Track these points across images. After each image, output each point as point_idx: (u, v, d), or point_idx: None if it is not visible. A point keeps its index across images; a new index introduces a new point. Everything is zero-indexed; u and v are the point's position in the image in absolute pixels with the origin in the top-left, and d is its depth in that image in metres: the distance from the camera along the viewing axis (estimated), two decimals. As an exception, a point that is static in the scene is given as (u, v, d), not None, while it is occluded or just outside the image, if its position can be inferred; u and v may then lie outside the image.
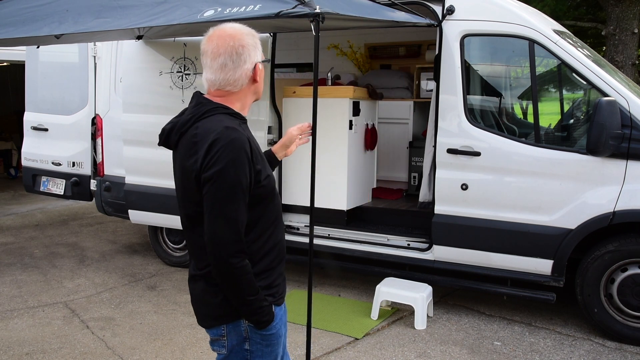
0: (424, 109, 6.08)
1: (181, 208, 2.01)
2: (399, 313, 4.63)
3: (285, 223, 5.19)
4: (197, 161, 1.84)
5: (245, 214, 1.87)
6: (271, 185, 1.99)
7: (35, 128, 6.58)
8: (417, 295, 4.38)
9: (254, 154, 1.90)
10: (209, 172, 1.82)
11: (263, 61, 2.01)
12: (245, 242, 1.88)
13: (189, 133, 1.91)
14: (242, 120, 2.00)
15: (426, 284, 4.56)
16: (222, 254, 1.83)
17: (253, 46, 1.96)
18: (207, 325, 2.05)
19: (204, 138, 1.85)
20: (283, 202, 5.04)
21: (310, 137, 2.66)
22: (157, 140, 2.05)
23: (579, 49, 4.33)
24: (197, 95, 2.02)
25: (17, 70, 8.80)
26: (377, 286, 4.56)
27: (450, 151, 4.41)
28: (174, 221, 5.50)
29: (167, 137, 2.00)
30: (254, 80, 1.99)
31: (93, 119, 6.02)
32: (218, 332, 2.02)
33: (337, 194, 5.10)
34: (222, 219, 1.83)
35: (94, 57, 6.00)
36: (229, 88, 1.96)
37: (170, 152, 2.05)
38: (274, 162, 2.48)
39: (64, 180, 6.37)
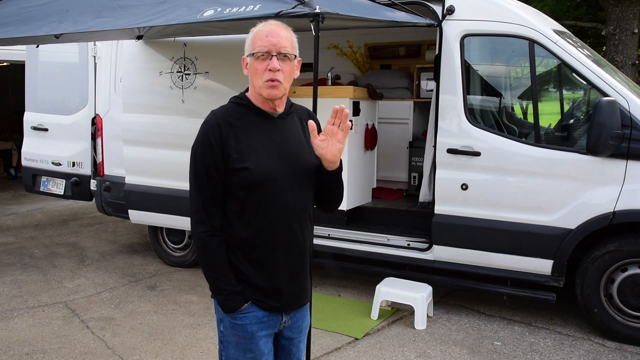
0: (424, 109, 6.08)
1: None
2: (399, 313, 4.63)
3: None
4: None
5: (213, 192, 1.97)
6: (250, 178, 1.94)
7: (35, 128, 6.59)
8: (417, 295, 4.38)
9: (228, 139, 1.95)
10: None
11: (248, 55, 2.02)
12: (231, 226, 1.99)
13: None
14: (244, 104, 2.04)
15: (426, 284, 4.56)
16: (191, 221, 2.02)
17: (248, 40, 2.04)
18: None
19: None
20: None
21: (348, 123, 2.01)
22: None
23: (579, 49, 4.33)
24: None
25: (17, 70, 8.80)
26: (377, 286, 4.56)
27: (450, 151, 4.42)
28: (174, 221, 5.50)
29: None
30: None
31: (93, 119, 6.02)
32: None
33: (337, 194, 5.09)
34: (190, 190, 2.02)
35: (94, 57, 6.00)
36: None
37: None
38: (326, 177, 2.09)
39: (64, 180, 6.37)
